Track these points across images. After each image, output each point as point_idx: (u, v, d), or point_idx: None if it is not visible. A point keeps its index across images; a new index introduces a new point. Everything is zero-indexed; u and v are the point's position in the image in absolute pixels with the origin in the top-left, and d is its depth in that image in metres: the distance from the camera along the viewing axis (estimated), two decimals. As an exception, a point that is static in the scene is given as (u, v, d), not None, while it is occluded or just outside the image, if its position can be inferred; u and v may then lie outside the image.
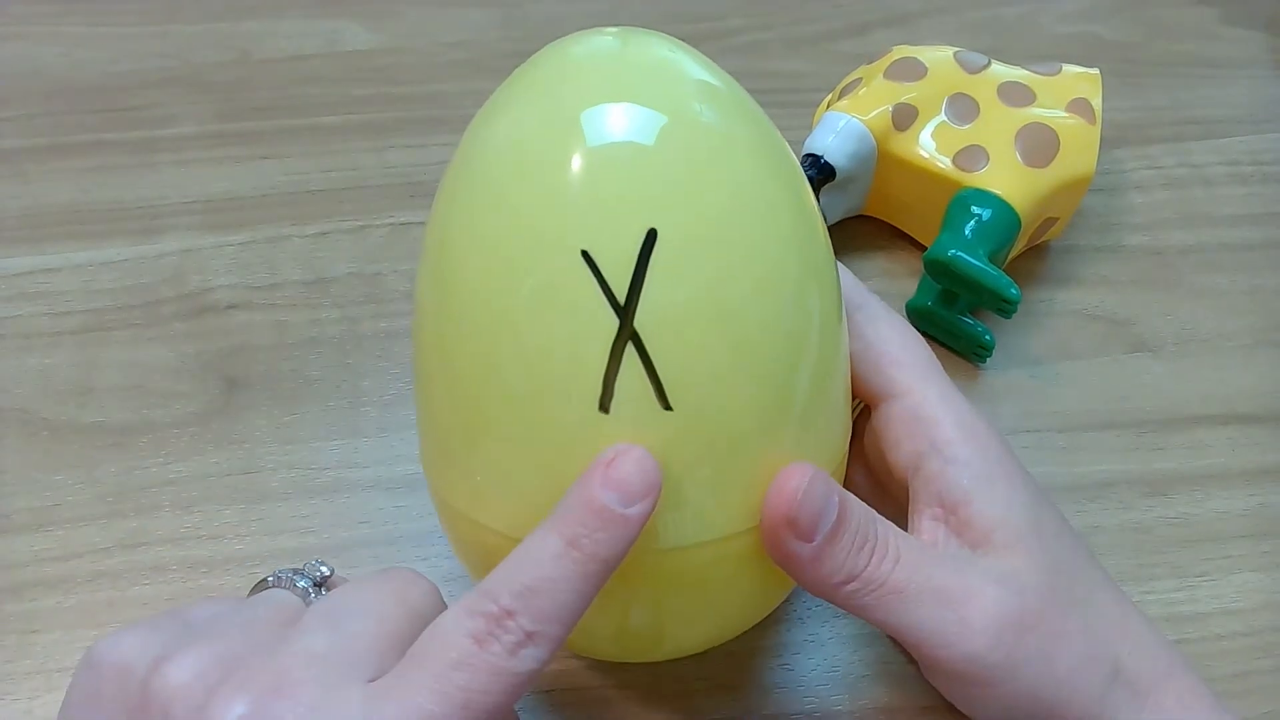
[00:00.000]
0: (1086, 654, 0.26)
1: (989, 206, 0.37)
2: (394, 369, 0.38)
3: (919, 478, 0.27)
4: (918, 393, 0.28)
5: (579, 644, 0.29)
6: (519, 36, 0.51)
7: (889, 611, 0.25)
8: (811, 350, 0.24)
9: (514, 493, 0.24)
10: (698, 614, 0.26)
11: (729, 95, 0.25)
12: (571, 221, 0.22)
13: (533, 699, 0.31)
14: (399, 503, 0.35)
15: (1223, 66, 0.50)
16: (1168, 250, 0.42)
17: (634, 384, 0.22)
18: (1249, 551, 0.34)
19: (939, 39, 0.46)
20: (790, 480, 0.23)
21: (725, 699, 0.31)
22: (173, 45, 0.50)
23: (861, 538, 0.25)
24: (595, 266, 0.22)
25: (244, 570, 0.33)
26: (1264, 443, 0.37)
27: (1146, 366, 0.39)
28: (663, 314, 0.22)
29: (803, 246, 0.24)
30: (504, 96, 0.25)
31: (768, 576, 0.26)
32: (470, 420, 0.24)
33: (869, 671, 0.32)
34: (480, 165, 0.24)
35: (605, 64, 0.24)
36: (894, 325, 0.29)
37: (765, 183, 0.24)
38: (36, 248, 0.42)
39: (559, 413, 0.23)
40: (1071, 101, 0.40)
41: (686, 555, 0.24)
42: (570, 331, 0.22)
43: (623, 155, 0.23)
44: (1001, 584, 0.25)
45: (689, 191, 0.23)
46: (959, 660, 0.25)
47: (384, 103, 0.48)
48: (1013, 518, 0.26)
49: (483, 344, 0.23)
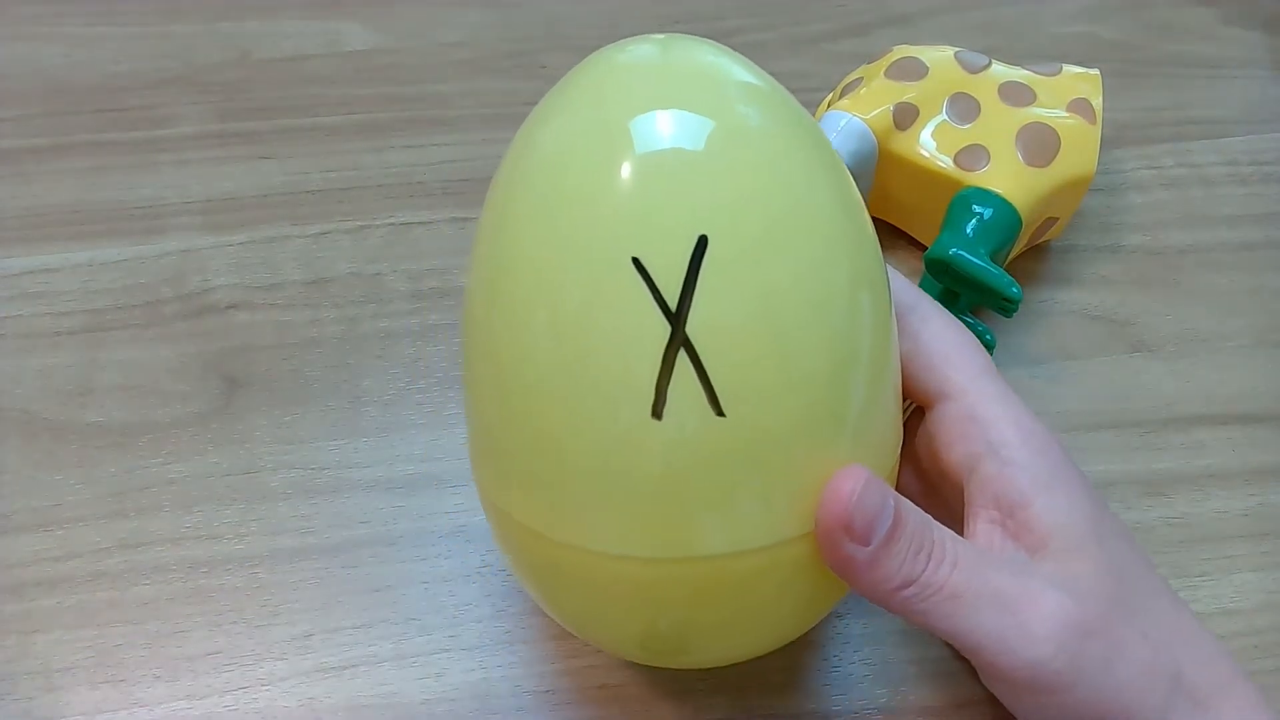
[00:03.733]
0: (1148, 662, 0.25)
1: (990, 206, 0.37)
2: (394, 369, 0.38)
3: (975, 480, 0.27)
4: (973, 393, 0.27)
5: (626, 650, 0.29)
6: (519, 36, 0.51)
7: (947, 617, 0.24)
8: (863, 354, 0.24)
9: (565, 499, 0.24)
10: (746, 622, 0.26)
11: (776, 98, 0.25)
12: (622, 229, 0.22)
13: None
14: (399, 503, 0.35)
15: (1223, 66, 0.50)
16: (1168, 250, 0.42)
17: (686, 390, 0.22)
18: (1249, 551, 0.34)
19: (939, 39, 0.46)
20: (845, 484, 0.23)
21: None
22: (173, 45, 0.50)
23: (918, 542, 0.24)
24: (646, 273, 0.22)
25: (244, 570, 0.33)
26: (1264, 443, 0.37)
27: (1146, 366, 0.39)
28: (715, 320, 0.22)
29: (853, 249, 0.24)
30: (551, 105, 0.25)
31: (817, 585, 0.26)
32: (521, 426, 0.24)
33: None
34: (529, 173, 0.24)
35: (652, 71, 0.24)
36: (948, 325, 0.28)
37: (815, 186, 0.24)
38: (36, 248, 0.42)
39: (611, 419, 0.23)
40: (1072, 101, 0.40)
41: (737, 562, 0.24)
42: (622, 339, 0.22)
43: (672, 161, 0.23)
44: (1062, 589, 0.25)
45: (739, 197, 0.23)
46: (1021, 667, 0.24)
47: (384, 103, 0.48)
48: (1073, 522, 0.26)
49: (534, 351, 0.23)
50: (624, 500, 0.23)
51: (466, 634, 0.32)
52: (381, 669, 0.31)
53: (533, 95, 0.53)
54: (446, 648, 0.32)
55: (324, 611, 0.33)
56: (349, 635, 0.32)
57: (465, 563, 0.34)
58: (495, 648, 0.32)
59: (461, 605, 0.33)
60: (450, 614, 0.33)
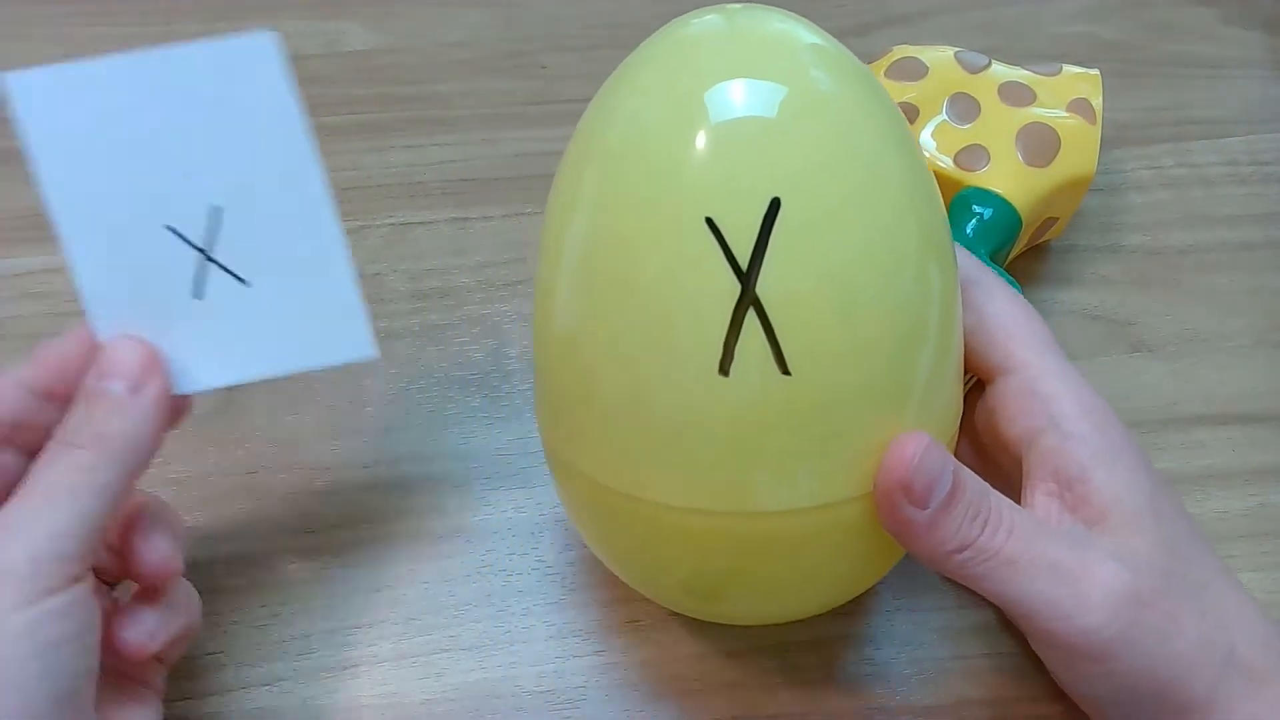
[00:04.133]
0: (1203, 637, 0.25)
1: (990, 206, 0.37)
2: (394, 369, 0.38)
3: (1034, 452, 0.27)
4: (1035, 367, 0.27)
5: (681, 603, 0.30)
6: (519, 36, 0.51)
7: (1002, 582, 0.25)
8: (929, 323, 0.25)
9: (632, 451, 0.25)
10: (795, 580, 0.27)
11: (847, 64, 0.25)
12: (696, 189, 0.23)
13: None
14: (399, 503, 0.35)
15: (1223, 66, 0.50)
16: (1168, 250, 0.42)
17: (754, 348, 0.23)
18: (1249, 551, 0.34)
19: (939, 39, 0.46)
20: (907, 447, 0.24)
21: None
22: (173, 45, 0.50)
23: (975, 508, 0.25)
24: (719, 233, 0.23)
25: (244, 570, 0.33)
26: (1264, 443, 0.37)
27: (1146, 366, 0.39)
28: (785, 281, 0.23)
29: (922, 216, 0.25)
30: (625, 76, 0.26)
31: (867, 550, 0.26)
32: (591, 380, 0.25)
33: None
34: (606, 141, 0.25)
35: (725, 39, 0.25)
36: (1011, 300, 0.29)
37: (886, 154, 0.24)
38: (37, 248, 0.42)
39: (679, 375, 0.23)
40: (1072, 101, 0.40)
41: (793, 519, 0.25)
42: (693, 296, 0.23)
43: (747, 126, 0.23)
44: (1119, 560, 0.25)
45: (813, 162, 0.23)
46: (1075, 634, 0.25)
47: (384, 103, 0.48)
48: (1132, 496, 0.26)
49: (608, 308, 0.24)
50: (688, 454, 0.24)
51: (466, 634, 0.32)
52: (381, 669, 0.31)
53: (533, 95, 0.53)
54: (446, 648, 0.32)
55: (324, 611, 0.33)
56: (349, 635, 0.32)
57: (465, 563, 0.34)
58: (495, 648, 0.32)
59: (461, 605, 0.33)
60: (450, 614, 0.33)
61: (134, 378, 0.26)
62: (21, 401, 0.27)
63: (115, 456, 0.25)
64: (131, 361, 0.26)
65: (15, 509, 0.24)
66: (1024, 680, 0.31)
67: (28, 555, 0.23)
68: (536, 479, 0.35)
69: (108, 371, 0.26)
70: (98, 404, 0.25)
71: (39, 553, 0.23)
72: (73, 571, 0.24)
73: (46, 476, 0.25)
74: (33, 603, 0.23)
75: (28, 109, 0.25)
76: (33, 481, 0.25)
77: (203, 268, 0.26)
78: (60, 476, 0.25)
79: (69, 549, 0.24)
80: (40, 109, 0.25)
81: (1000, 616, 0.32)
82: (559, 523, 0.34)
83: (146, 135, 0.25)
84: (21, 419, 0.27)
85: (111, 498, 0.25)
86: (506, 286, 0.41)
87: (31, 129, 0.25)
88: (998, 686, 0.31)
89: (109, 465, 0.25)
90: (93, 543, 0.25)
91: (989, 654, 0.32)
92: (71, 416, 0.26)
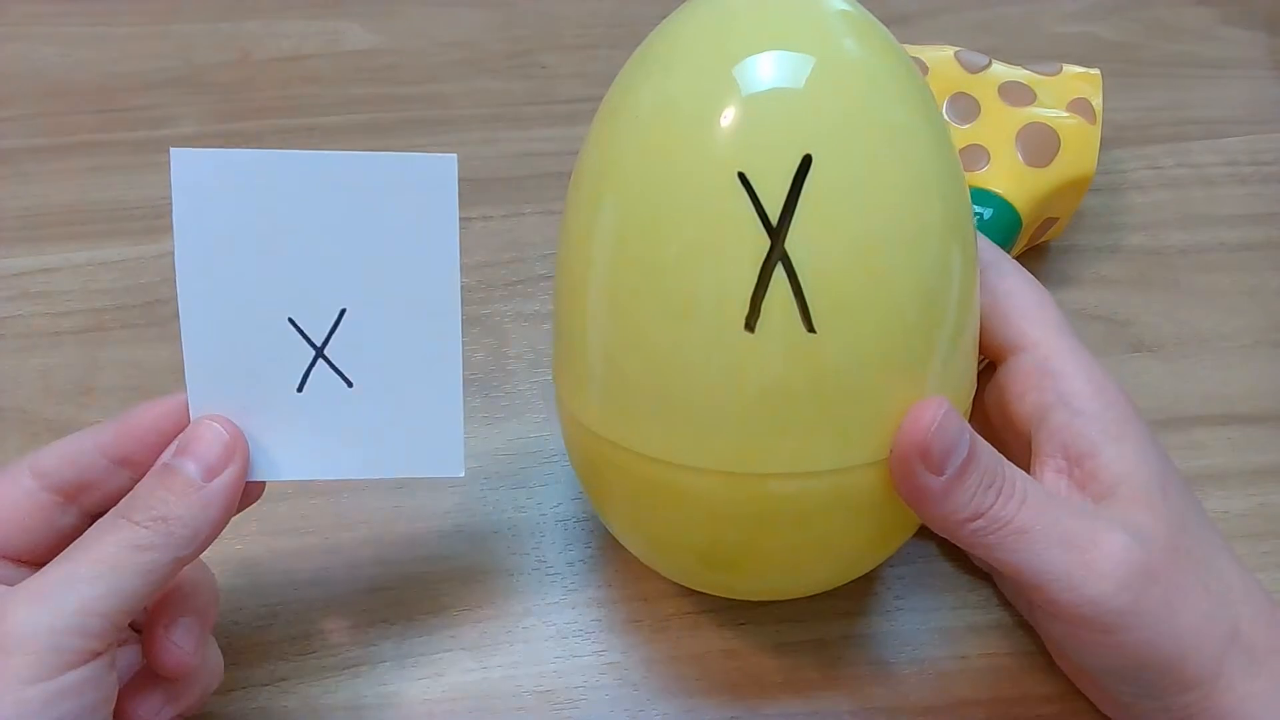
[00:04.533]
0: (1208, 612, 0.26)
1: (990, 206, 0.37)
2: (394, 369, 0.38)
3: (1044, 429, 0.27)
4: (1047, 345, 0.28)
5: (696, 575, 0.30)
6: (519, 36, 0.51)
7: (1014, 551, 0.25)
8: (952, 289, 0.25)
9: (656, 411, 0.25)
10: (809, 548, 0.27)
11: (877, 34, 0.25)
12: (729, 144, 0.23)
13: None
14: (398, 503, 0.35)
15: (1223, 66, 0.50)
16: (1168, 250, 0.42)
17: (781, 305, 0.23)
18: (1249, 551, 0.34)
19: (939, 39, 0.46)
20: (926, 412, 0.24)
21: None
22: (173, 45, 0.50)
23: (990, 476, 0.25)
24: (750, 188, 0.23)
25: (244, 570, 0.33)
26: (1264, 443, 0.37)
27: (1146, 366, 0.39)
28: (813, 239, 0.23)
29: (945, 184, 0.25)
30: (652, 50, 0.26)
31: (882, 520, 0.26)
32: (617, 340, 0.25)
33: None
34: (635, 105, 0.25)
35: (752, 7, 0.25)
36: (1024, 280, 0.29)
37: (914, 122, 0.25)
38: (36, 248, 0.42)
39: (705, 329, 0.24)
40: (1072, 101, 0.40)
41: (810, 482, 0.25)
42: (722, 250, 0.23)
43: (778, 90, 0.24)
44: (1128, 533, 0.25)
45: (844, 123, 0.23)
46: (1084, 603, 0.25)
47: (384, 103, 0.48)
48: (1139, 473, 0.26)
49: (634, 259, 0.24)
50: (711, 412, 0.24)
51: (466, 634, 0.32)
52: (381, 669, 0.31)
53: (533, 95, 0.53)
54: (447, 648, 0.32)
55: (324, 611, 0.33)
56: (349, 635, 0.32)
57: (465, 563, 0.34)
58: (495, 648, 0.32)
59: (461, 605, 0.33)
60: (450, 614, 0.33)
61: (211, 463, 0.25)
62: (94, 464, 0.26)
63: (171, 541, 0.24)
64: (212, 444, 0.25)
65: (53, 573, 0.23)
66: (1024, 680, 0.31)
67: (51, 627, 0.22)
68: (536, 479, 0.35)
69: (186, 450, 0.25)
70: (168, 483, 0.25)
71: (64, 626, 0.23)
72: (95, 648, 0.23)
73: (95, 546, 0.24)
74: (48, 678, 0.22)
75: (182, 184, 0.25)
76: (80, 548, 0.24)
77: (313, 363, 0.26)
78: (108, 549, 0.24)
79: (95, 626, 0.23)
80: (194, 185, 0.25)
81: (1001, 617, 0.32)
82: (559, 523, 0.34)
83: (295, 229, 0.25)
84: (90, 480, 0.26)
85: (156, 582, 0.24)
86: (506, 286, 0.41)
87: (180, 202, 0.25)
88: (998, 686, 0.31)
89: (163, 549, 0.24)
90: (123, 622, 0.24)
91: (989, 654, 0.32)
92: (140, 488, 0.25)
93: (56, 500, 0.26)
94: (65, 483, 0.26)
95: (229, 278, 0.25)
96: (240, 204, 0.25)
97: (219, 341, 0.26)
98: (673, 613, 0.32)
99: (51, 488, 0.26)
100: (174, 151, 0.25)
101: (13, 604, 0.23)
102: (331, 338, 0.26)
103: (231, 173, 0.25)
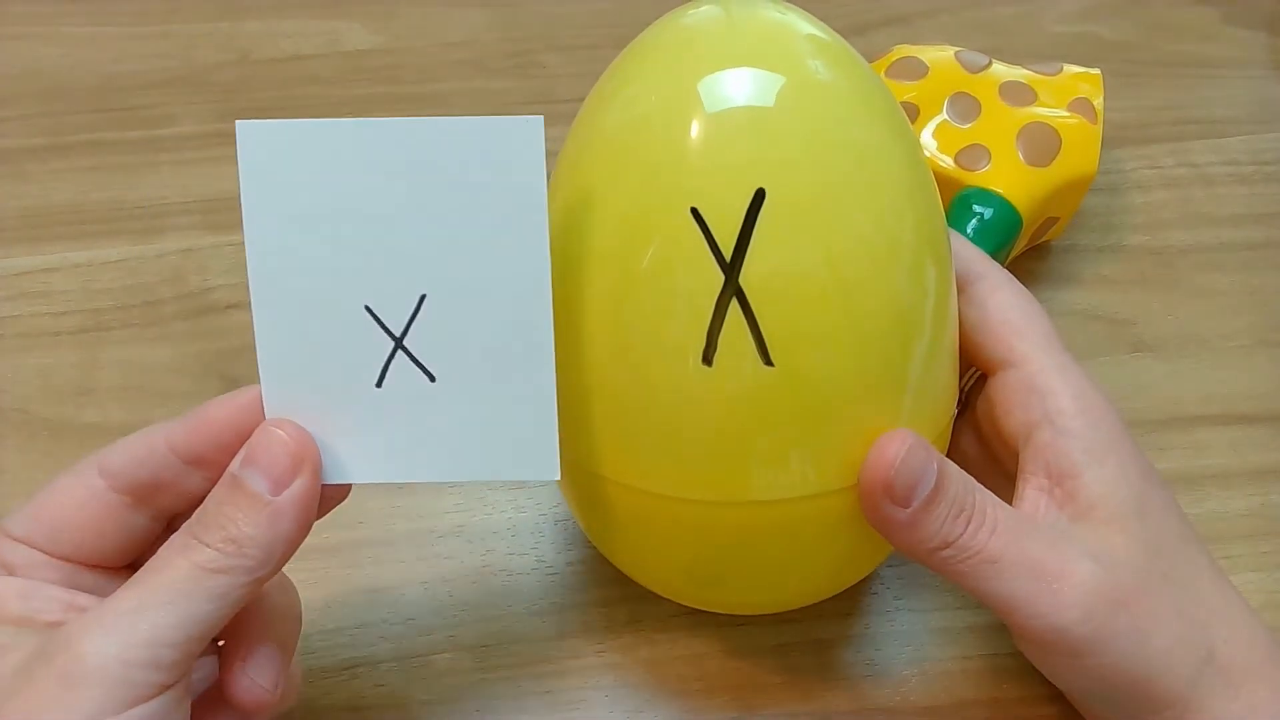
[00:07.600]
0: (1179, 636, 0.26)
1: (991, 205, 0.37)
2: (394, 369, 0.38)
3: (1029, 447, 0.27)
4: (1035, 362, 0.28)
5: (682, 590, 0.30)
6: (519, 36, 0.51)
7: (984, 579, 0.25)
8: (918, 317, 0.25)
9: (625, 440, 0.25)
10: (789, 567, 0.27)
11: (842, 54, 0.25)
12: (682, 180, 0.23)
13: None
14: (397, 503, 0.35)
15: (1223, 66, 0.50)
16: (1168, 250, 0.42)
17: (737, 339, 0.23)
18: (1249, 551, 0.34)
19: (940, 39, 0.46)
20: (889, 447, 0.24)
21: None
22: (173, 45, 0.50)
23: (958, 506, 0.25)
24: (704, 223, 0.23)
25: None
26: (1264, 443, 0.37)
27: (1146, 366, 0.39)
28: (769, 272, 0.23)
29: (917, 210, 0.25)
30: (622, 66, 0.26)
31: (858, 539, 0.26)
32: (585, 369, 0.25)
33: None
34: (601, 128, 0.25)
35: (718, 30, 0.25)
36: (1015, 294, 0.29)
37: (880, 145, 0.24)
38: (36, 248, 0.42)
39: (667, 365, 0.24)
40: (1073, 101, 0.40)
41: (782, 509, 0.25)
42: (677, 286, 0.23)
43: (736, 117, 0.23)
44: (1097, 560, 0.25)
45: (801, 153, 0.23)
46: (1048, 631, 0.25)
47: (384, 103, 0.48)
48: (1118, 494, 0.26)
49: (596, 299, 0.24)
50: (677, 443, 0.24)
51: (466, 634, 0.32)
52: (381, 669, 0.31)
53: (533, 95, 0.53)
54: (447, 648, 0.32)
55: (324, 611, 0.33)
56: (349, 635, 0.32)
57: (465, 563, 0.34)
58: (496, 647, 0.32)
59: (461, 605, 0.33)
60: (450, 614, 0.33)
61: (279, 475, 0.23)
62: (167, 464, 0.24)
63: (244, 563, 0.23)
64: (280, 455, 0.23)
65: (123, 600, 0.22)
66: (1024, 680, 0.31)
67: (122, 658, 0.21)
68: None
69: (253, 460, 0.23)
70: (235, 499, 0.23)
71: (134, 657, 0.21)
72: (165, 681, 0.22)
73: (166, 569, 0.23)
74: (115, 712, 0.21)
75: (249, 160, 0.23)
76: (151, 571, 0.23)
77: (392, 355, 0.24)
78: (178, 572, 0.22)
79: (167, 657, 0.22)
80: (263, 162, 0.23)
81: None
82: (559, 523, 0.34)
83: (370, 205, 0.23)
84: (163, 481, 0.25)
85: (230, 605, 0.23)
86: (506, 286, 0.41)
87: (248, 180, 0.23)
88: (998, 686, 0.31)
89: (235, 571, 0.22)
90: (196, 651, 0.23)
91: (989, 654, 0.32)
92: (209, 502, 0.23)
93: (127, 502, 0.25)
94: (136, 484, 0.25)
95: (302, 262, 0.23)
96: (310, 179, 0.23)
97: (293, 333, 0.24)
98: (673, 613, 0.32)
99: (121, 489, 0.25)
100: (240, 124, 0.23)
101: (82, 633, 0.22)
102: (411, 327, 0.24)
103: (301, 145, 0.23)
